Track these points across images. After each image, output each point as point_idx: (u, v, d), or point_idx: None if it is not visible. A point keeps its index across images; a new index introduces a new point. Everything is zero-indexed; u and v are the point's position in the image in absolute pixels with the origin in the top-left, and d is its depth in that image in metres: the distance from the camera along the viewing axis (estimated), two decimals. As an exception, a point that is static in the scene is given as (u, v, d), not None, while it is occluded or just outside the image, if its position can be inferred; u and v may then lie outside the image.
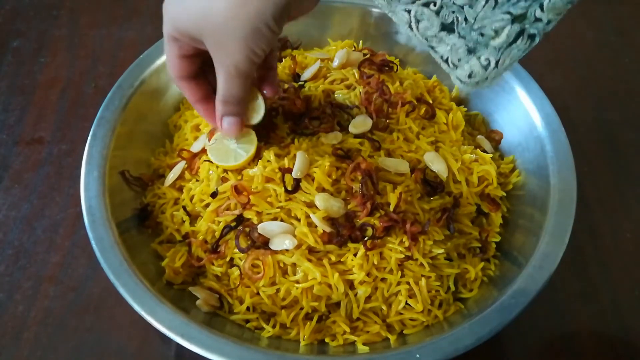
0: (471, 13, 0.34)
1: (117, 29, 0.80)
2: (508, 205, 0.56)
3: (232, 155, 0.50)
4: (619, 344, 0.54)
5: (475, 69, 0.36)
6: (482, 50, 0.35)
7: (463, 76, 0.36)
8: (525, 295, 0.45)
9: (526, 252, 0.50)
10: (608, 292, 0.57)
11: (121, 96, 0.57)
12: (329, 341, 0.48)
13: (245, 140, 0.50)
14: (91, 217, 0.49)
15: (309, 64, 0.61)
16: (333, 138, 0.52)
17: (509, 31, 0.34)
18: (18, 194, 0.63)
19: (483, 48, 0.35)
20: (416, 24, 0.35)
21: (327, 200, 0.47)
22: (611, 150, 0.69)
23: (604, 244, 0.61)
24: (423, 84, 0.62)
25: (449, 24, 0.34)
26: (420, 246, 0.48)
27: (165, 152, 0.59)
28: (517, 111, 0.59)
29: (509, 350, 0.54)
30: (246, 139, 0.50)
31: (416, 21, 0.35)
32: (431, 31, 0.35)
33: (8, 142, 0.68)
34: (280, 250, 0.47)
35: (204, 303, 0.49)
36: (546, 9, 0.33)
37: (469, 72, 0.36)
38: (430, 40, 0.36)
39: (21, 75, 0.75)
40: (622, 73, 0.78)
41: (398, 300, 0.48)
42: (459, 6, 0.33)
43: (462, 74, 0.36)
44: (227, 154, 0.50)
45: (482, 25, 0.34)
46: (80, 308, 0.55)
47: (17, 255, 0.58)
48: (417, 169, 0.52)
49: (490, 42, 0.35)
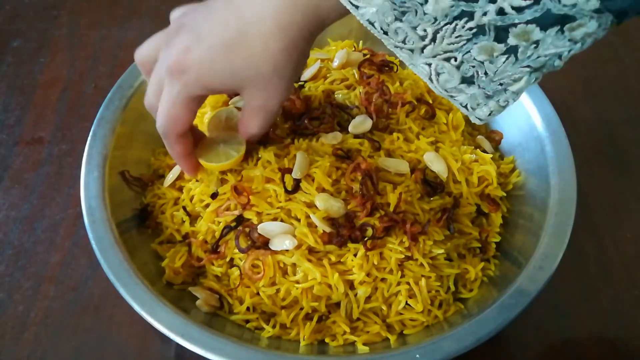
0: (491, 68, 0.34)
1: (117, 29, 0.80)
2: (508, 205, 0.56)
3: (222, 155, 0.49)
4: (619, 344, 0.54)
5: (494, 109, 0.36)
6: (500, 95, 0.36)
7: (482, 115, 0.37)
8: (525, 295, 0.45)
9: (526, 252, 0.50)
10: (608, 292, 0.57)
11: (121, 96, 0.57)
12: (329, 341, 0.48)
13: (234, 142, 0.50)
14: (91, 217, 0.49)
15: (308, 64, 0.61)
16: (333, 138, 0.52)
17: (527, 78, 0.34)
18: (18, 194, 0.63)
19: (502, 93, 0.35)
20: (436, 76, 0.35)
21: (327, 200, 0.47)
22: (611, 150, 0.69)
23: (604, 244, 0.61)
24: (423, 84, 0.62)
25: (469, 77, 0.35)
26: (420, 246, 0.48)
27: (165, 152, 0.59)
28: (517, 111, 0.59)
29: (509, 351, 0.54)
30: (235, 141, 0.50)
31: (436, 74, 0.35)
32: (451, 84, 0.36)
33: (8, 142, 0.68)
34: (280, 250, 0.47)
35: (204, 303, 0.49)
36: (564, 59, 0.33)
37: (489, 112, 0.37)
38: (450, 91, 0.36)
39: (21, 75, 0.75)
40: (622, 73, 0.78)
41: (398, 301, 0.48)
42: (479, 62, 0.34)
43: (481, 114, 0.37)
44: (217, 154, 0.49)
45: (501, 77, 0.34)
46: (80, 308, 0.55)
47: (17, 255, 0.58)
48: (417, 169, 0.52)
49: (508, 88, 0.35)
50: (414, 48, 0.35)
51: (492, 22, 0.32)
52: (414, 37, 0.34)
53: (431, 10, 0.32)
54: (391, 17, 0.34)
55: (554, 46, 0.32)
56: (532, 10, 0.31)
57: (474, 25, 0.32)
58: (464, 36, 0.33)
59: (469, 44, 0.33)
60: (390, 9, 0.33)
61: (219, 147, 0.50)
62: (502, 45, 0.33)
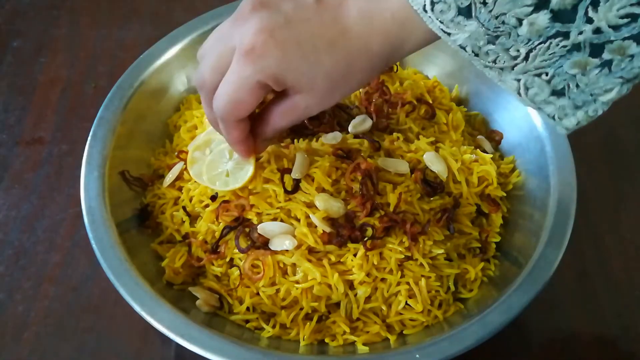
0: (583, 80, 0.33)
1: (117, 29, 0.80)
2: (508, 205, 0.56)
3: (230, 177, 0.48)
4: (619, 344, 0.54)
5: (582, 119, 0.36)
6: (589, 106, 0.35)
7: (570, 125, 0.36)
8: (525, 295, 0.45)
9: (526, 252, 0.50)
10: (608, 293, 0.57)
11: (121, 96, 0.57)
12: (328, 341, 0.48)
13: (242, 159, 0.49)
14: (91, 217, 0.49)
15: (308, 64, 0.61)
16: (333, 138, 0.52)
17: (619, 89, 0.34)
18: (18, 194, 0.63)
19: (591, 104, 0.35)
20: (525, 90, 0.35)
21: (327, 200, 0.47)
22: (611, 150, 0.69)
23: (604, 244, 0.61)
24: (423, 84, 0.62)
25: (559, 90, 0.34)
26: (420, 246, 0.48)
27: (165, 152, 0.59)
28: (517, 111, 0.59)
29: (509, 351, 0.54)
30: None
31: (525, 89, 0.35)
32: (541, 97, 0.35)
33: (8, 142, 0.68)
34: (280, 250, 0.47)
35: (204, 303, 0.49)
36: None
37: (576, 122, 0.36)
38: (539, 104, 0.36)
39: (21, 75, 0.75)
40: (622, 73, 0.78)
41: (398, 301, 0.48)
42: (571, 75, 0.33)
43: (568, 124, 0.36)
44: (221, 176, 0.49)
45: (593, 89, 0.34)
46: (80, 308, 0.55)
47: (17, 255, 0.58)
48: (417, 169, 0.52)
49: (599, 98, 0.34)
50: (505, 67, 0.34)
51: (587, 40, 0.31)
52: (506, 57, 0.34)
53: (525, 32, 0.32)
54: (484, 41, 0.33)
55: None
56: (629, 28, 0.31)
57: (568, 44, 0.32)
58: (557, 53, 0.32)
59: (562, 59, 0.33)
60: (484, 34, 0.33)
61: (224, 164, 0.49)
62: (597, 60, 0.32)
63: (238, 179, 0.48)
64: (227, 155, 0.50)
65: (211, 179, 0.49)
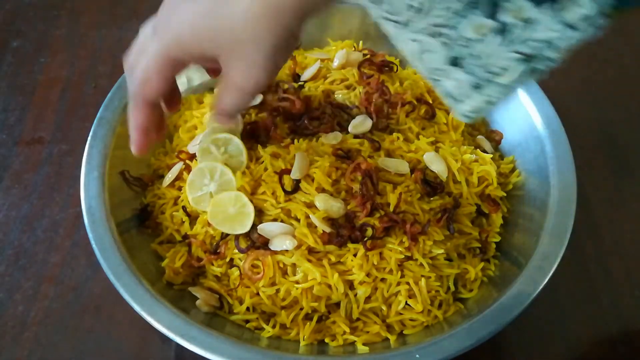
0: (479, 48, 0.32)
1: (117, 29, 0.80)
2: (508, 205, 0.56)
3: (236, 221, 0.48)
4: (620, 345, 0.54)
5: (479, 104, 0.34)
6: (487, 88, 0.34)
7: (466, 111, 0.35)
8: (525, 295, 0.45)
9: (526, 252, 0.50)
10: (608, 292, 0.57)
11: (121, 96, 0.57)
12: (328, 341, 0.48)
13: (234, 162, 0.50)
14: (91, 217, 0.49)
15: (308, 64, 0.61)
16: (333, 138, 0.52)
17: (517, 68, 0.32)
18: (18, 194, 0.63)
19: (489, 85, 0.34)
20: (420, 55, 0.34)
21: (327, 200, 0.47)
22: (611, 150, 0.69)
23: (604, 244, 0.61)
24: (423, 84, 0.62)
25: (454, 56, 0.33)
26: (420, 246, 0.48)
27: (165, 152, 0.59)
28: (517, 111, 0.59)
29: (508, 351, 0.54)
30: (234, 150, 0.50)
31: (421, 52, 0.34)
32: (436, 63, 0.34)
33: (8, 142, 0.68)
34: (280, 250, 0.47)
35: (204, 303, 0.49)
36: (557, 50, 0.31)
37: (473, 108, 0.35)
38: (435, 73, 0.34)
39: (21, 75, 0.75)
40: (622, 73, 0.78)
41: (398, 301, 0.48)
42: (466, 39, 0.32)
43: (465, 109, 0.35)
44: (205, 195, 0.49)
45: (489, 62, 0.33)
46: (80, 308, 0.55)
47: (17, 255, 0.58)
48: (417, 169, 0.52)
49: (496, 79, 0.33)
50: (399, 21, 0.33)
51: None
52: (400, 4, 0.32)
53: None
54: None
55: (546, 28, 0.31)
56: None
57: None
58: (452, 8, 0.31)
59: (458, 17, 0.32)
60: None
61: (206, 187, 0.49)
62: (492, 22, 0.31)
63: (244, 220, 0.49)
64: (208, 176, 0.50)
65: (196, 200, 0.50)
